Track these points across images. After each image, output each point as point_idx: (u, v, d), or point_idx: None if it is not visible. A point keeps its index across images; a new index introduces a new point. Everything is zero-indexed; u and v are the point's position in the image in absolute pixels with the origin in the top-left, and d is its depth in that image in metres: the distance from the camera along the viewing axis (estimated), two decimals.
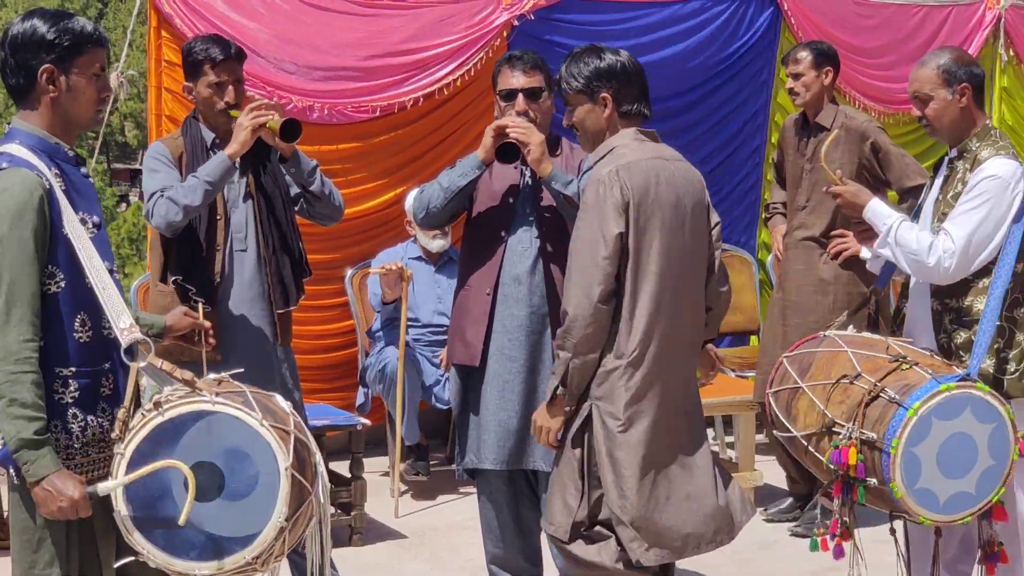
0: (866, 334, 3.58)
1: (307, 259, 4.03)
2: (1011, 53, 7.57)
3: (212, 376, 2.72)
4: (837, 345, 3.49)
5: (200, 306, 3.12)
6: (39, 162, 2.55)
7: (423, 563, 4.84)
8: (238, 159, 3.70)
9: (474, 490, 5.62)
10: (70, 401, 2.57)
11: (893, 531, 3.57)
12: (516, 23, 6.14)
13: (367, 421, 5.31)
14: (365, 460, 5.14)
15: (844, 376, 3.36)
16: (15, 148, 2.56)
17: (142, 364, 2.53)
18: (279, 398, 2.71)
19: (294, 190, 3.94)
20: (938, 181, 3.67)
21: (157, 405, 2.51)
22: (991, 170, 3.45)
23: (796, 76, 5.03)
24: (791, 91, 5.10)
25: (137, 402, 2.66)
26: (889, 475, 3.19)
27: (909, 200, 4.85)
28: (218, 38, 3.90)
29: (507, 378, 3.80)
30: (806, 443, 3.38)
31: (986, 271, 3.48)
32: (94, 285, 2.53)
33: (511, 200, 3.84)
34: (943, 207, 3.56)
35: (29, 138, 2.59)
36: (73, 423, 2.57)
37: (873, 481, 3.24)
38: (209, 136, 3.86)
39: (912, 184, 4.93)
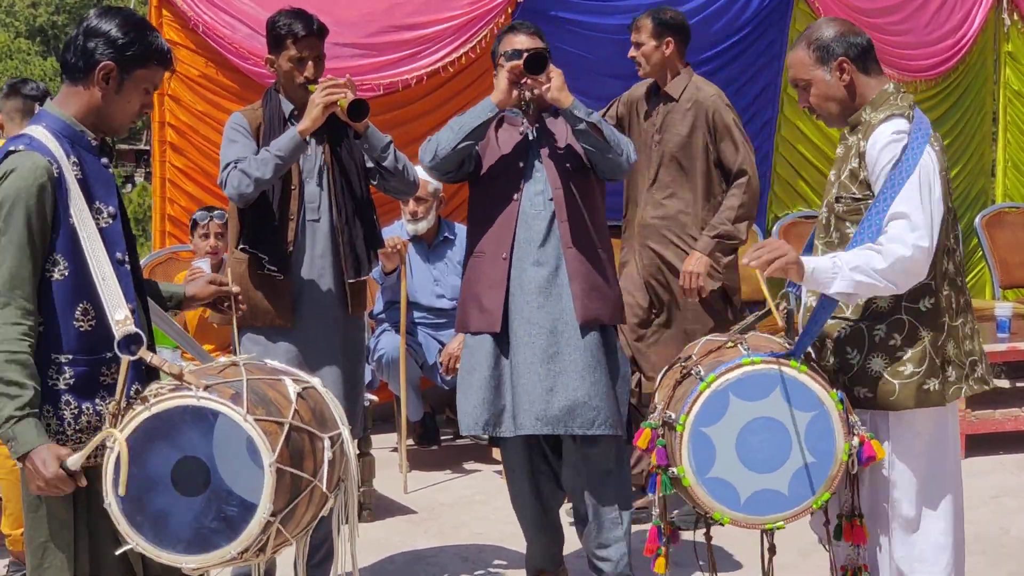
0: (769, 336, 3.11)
1: (380, 230, 4.08)
2: (1015, 17, 7.52)
3: (224, 359, 2.74)
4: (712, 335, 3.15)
5: (229, 273, 3.13)
6: (57, 147, 2.57)
7: (432, 538, 4.86)
8: (309, 135, 3.78)
9: (481, 465, 5.74)
10: (64, 388, 2.59)
11: (709, 537, 3.08)
12: None
13: (375, 397, 5.34)
14: (373, 436, 5.16)
15: (678, 359, 3.05)
16: (38, 131, 2.59)
17: (132, 358, 2.55)
18: (288, 382, 2.70)
19: (370, 163, 3.99)
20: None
21: (144, 400, 2.55)
22: (883, 139, 2.90)
23: (637, 45, 4.68)
24: (633, 59, 4.73)
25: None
26: (677, 457, 2.74)
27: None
28: (302, 12, 3.95)
29: (528, 341, 3.75)
30: None
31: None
32: (94, 276, 2.55)
33: (520, 164, 3.83)
34: (836, 189, 3.02)
35: (55, 122, 2.62)
36: (65, 409, 2.59)
37: (674, 470, 2.79)
38: (288, 108, 3.93)
39: (739, 168, 4.59)
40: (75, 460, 2.50)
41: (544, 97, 3.71)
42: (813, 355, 2.99)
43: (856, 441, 2.79)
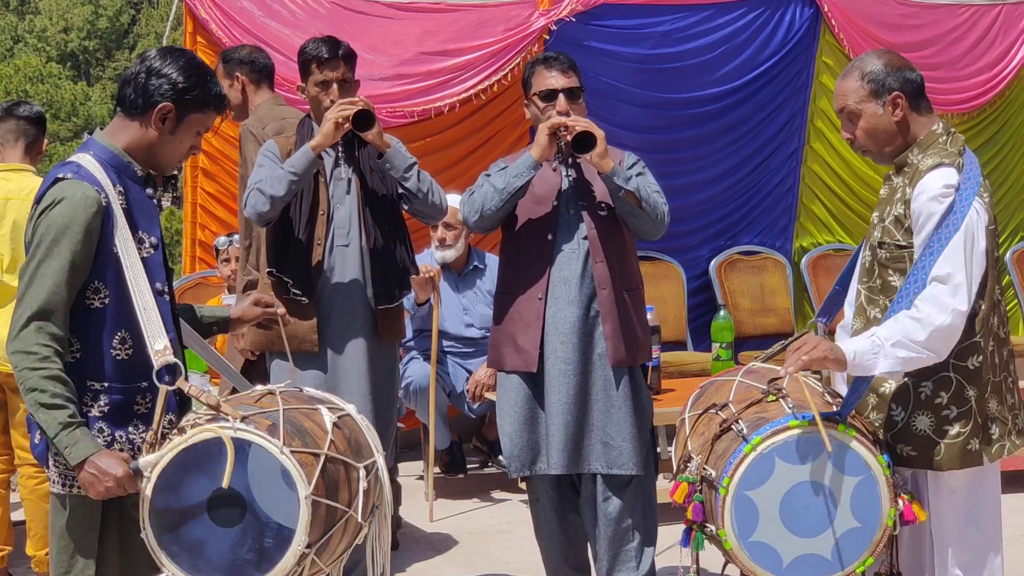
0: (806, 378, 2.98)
1: (414, 257, 4.07)
2: None
3: (261, 387, 2.75)
4: (740, 372, 3.09)
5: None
6: (104, 177, 2.60)
7: (458, 567, 4.84)
8: (323, 151, 3.80)
9: (508, 495, 5.71)
10: (98, 415, 2.60)
11: None
12: (554, 27, 6.13)
13: (401, 425, 5.32)
14: (400, 464, 5.14)
15: (713, 405, 2.96)
16: (86, 160, 2.62)
17: (171, 388, 2.57)
18: (324, 411, 2.71)
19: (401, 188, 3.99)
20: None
21: (181, 431, 2.55)
22: (931, 190, 2.82)
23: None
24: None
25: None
26: (719, 520, 2.68)
27: None
28: (329, 38, 3.98)
29: (562, 381, 3.77)
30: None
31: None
32: (135, 306, 2.57)
33: (555, 203, 3.83)
34: (878, 232, 2.95)
35: (104, 152, 2.66)
36: (98, 437, 2.59)
37: (711, 528, 2.74)
38: None
39: None
40: (147, 461, 2.51)
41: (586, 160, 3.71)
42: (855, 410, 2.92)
43: (900, 504, 2.73)
